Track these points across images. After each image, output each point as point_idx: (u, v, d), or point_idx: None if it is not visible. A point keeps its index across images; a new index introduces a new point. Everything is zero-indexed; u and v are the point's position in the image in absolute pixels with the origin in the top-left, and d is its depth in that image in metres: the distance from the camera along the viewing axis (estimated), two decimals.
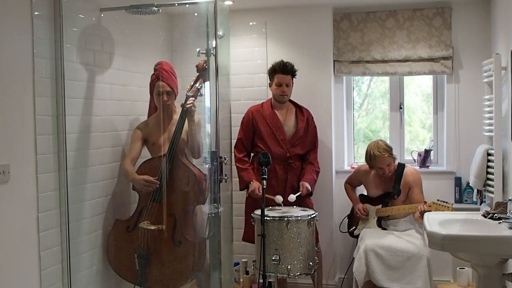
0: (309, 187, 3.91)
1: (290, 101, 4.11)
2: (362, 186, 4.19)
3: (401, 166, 3.97)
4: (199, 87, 3.49)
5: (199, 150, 3.57)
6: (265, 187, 3.40)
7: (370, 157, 3.87)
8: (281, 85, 3.95)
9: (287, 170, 3.98)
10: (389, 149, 3.87)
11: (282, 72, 3.94)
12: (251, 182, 3.92)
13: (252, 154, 4.11)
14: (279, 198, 3.75)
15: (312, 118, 4.13)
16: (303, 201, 3.91)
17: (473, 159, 4.05)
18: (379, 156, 3.81)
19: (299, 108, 4.10)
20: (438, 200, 3.69)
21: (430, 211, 3.54)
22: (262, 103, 4.12)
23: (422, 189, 3.93)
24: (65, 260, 3.16)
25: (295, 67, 3.99)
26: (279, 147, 3.96)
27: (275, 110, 4.04)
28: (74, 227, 3.23)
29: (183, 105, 3.49)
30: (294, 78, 4.01)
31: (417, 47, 4.32)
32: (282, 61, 3.98)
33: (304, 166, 4.04)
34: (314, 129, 4.11)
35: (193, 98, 3.47)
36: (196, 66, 3.44)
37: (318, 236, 4.02)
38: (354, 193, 4.21)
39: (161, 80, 3.55)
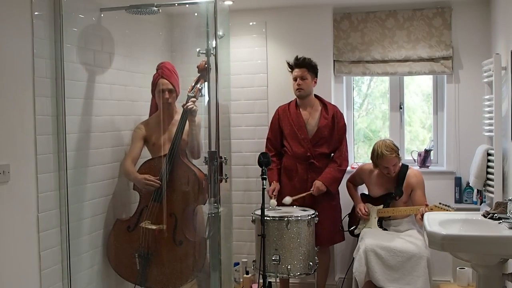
0: (322, 187, 3.85)
1: (318, 98, 4.05)
2: (364, 185, 4.18)
3: (404, 167, 3.96)
4: (200, 87, 3.48)
5: (199, 151, 3.57)
6: (265, 187, 3.40)
7: (377, 155, 3.84)
8: (296, 79, 3.91)
9: (308, 169, 3.93)
10: (396, 149, 3.86)
11: (296, 65, 3.92)
12: (272, 182, 3.95)
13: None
14: (287, 200, 3.79)
15: (341, 114, 4.04)
16: (326, 204, 3.89)
17: (473, 159, 4.05)
18: (386, 156, 3.79)
19: (325, 106, 4.02)
20: (440, 203, 3.68)
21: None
22: (290, 102, 4.08)
23: (424, 191, 3.92)
24: (65, 260, 3.16)
25: (313, 62, 3.92)
26: (300, 146, 3.93)
27: (300, 109, 4.00)
28: (74, 227, 3.23)
29: (184, 106, 3.49)
30: (312, 73, 3.92)
31: (417, 47, 4.32)
32: (297, 56, 3.94)
33: (328, 164, 3.98)
34: (342, 127, 4.00)
35: (194, 99, 3.47)
36: (197, 67, 3.44)
37: (334, 237, 4.01)
38: (356, 192, 4.20)
39: (163, 78, 3.56)
